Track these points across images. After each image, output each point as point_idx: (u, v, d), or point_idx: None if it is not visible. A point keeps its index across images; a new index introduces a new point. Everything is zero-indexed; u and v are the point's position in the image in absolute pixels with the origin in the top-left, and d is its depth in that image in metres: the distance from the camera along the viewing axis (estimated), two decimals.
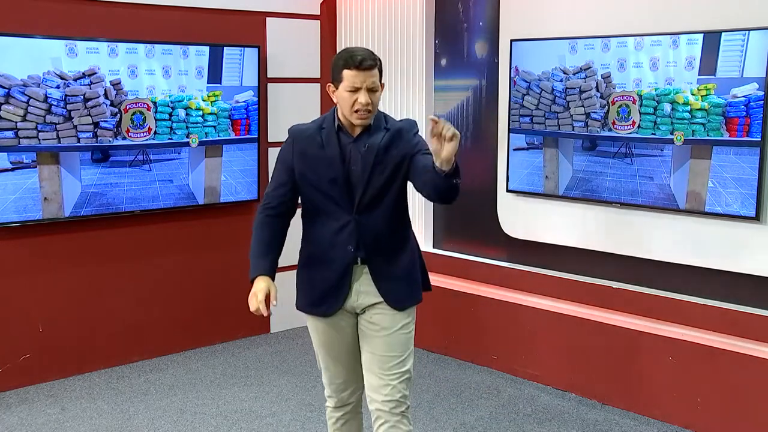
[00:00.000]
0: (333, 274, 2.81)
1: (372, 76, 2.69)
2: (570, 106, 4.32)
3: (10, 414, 4.11)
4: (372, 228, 2.79)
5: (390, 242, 2.84)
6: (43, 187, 4.32)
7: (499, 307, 4.66)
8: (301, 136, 2.84)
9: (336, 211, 2.79)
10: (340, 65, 2.71)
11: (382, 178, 2.76)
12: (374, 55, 2.73)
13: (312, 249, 2.87)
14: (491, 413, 4.16)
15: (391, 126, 2.82)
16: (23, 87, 4.19)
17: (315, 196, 2.81)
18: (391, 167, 2.76)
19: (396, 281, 2.84)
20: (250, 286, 2.76)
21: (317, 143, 2.79)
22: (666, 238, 4.03)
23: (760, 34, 3.59)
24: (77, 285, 4.59)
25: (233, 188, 5.05)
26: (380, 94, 2.77)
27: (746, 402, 3.73)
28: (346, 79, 2.69)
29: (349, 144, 2.78)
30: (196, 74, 4.78)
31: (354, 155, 2.77)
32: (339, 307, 2.83)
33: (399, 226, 2.87)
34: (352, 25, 5.35)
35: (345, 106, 2.73)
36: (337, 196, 2.77)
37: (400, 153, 2.76)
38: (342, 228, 2.79)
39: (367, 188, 2.76)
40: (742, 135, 3.69)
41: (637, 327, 4.10)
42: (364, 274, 2.81)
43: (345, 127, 2.79)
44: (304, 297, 2.91)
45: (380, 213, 2.79)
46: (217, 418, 4.08)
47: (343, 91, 2.71)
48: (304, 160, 2.81)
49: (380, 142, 2.77)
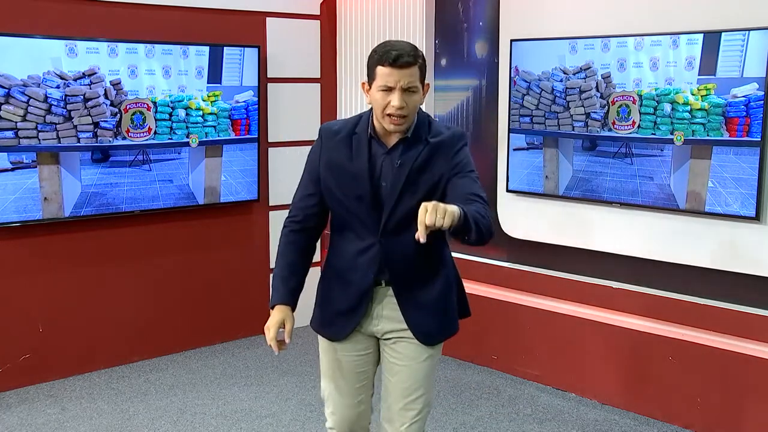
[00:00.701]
0: (348, 298, 2.55)
1: (410, 75, 2.35)
2: (570, 106, 4.32)
3: (10, 414, 4.11)
4: (399, 253, 2.48)
5: (420, 268, 2.53)
6: (43, 187, 4.32)
7: (499, 307, 4.66)
8: (331, 140, 2.52)
9: (361, 230, 2.50)
10: (375, 60, 2.38)
11: (413, 200, 2.40)
12: (416, 51, 2.37)
13: (334, 263, 2.60)
14: (491, 413, 4.16)
15: (434, 137, 2.47)
16: (23, 87, 4.19)
17: (340, 211, 2.53)
18: (425, 189, 2.43)
19: (426, 312, 2.53)
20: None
21: (346, 153, 2.48)
22: (666, 238, 4.03)
23: (760, 34, 3.59)
24: (77, 285, 4.59)
25: (233, 188, 5.05)
26: (422, 97, 2.42)
27: (746, 402, 3.73)
28: (379, 77, 2.36)
29: (381, 155, 2.46)
30: (196, 74, 4.78)
31: (386, 169, 2.45)
32: (349, 333, 2.56)
33: (432, 250, 2.52)
34: (352, 25, 5.35)
35: (377, 109, 2.40)
36: (363, 215, 2.48)
37: (437, 173, 2.44)
38: (365, 250, 2.50)
39: (395, 209, 2.45)
40: (742, 135, 3.69)
41: (637, 327, 4.10)
42: (388, 296, 2.53)
43: (379, 135, 2.47)
44: (318, 313, 2.67)
45: (409, 237, 2.35)
46: (217, 418, 4.08)
47: (375, 91, 2.39)
48: (329, 171, 2.51)
49: (416, 160, 2.43)
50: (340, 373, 2.62)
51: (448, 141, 2.48)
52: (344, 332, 2.58)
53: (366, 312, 2.55)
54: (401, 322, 2.53)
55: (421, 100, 2.43)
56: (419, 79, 2.39)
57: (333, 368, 2.63)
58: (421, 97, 2.42)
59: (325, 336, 2.63)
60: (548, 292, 4.51)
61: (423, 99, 2.44)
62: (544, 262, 4.62)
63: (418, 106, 2.45)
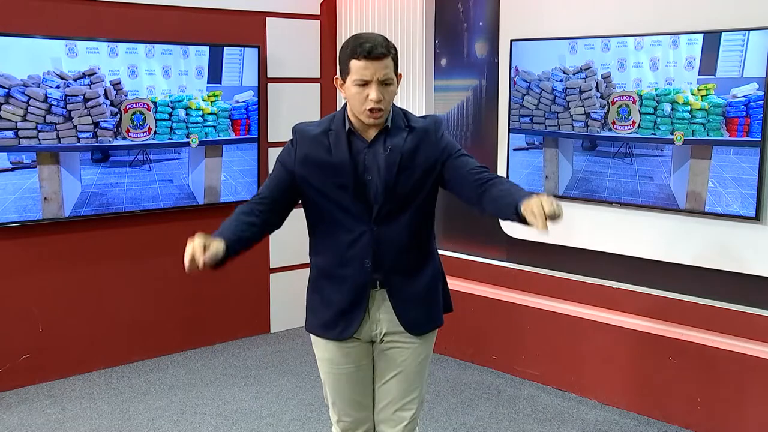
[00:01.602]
0: (345, 296, 2.49)
1: (384, 67, 2.31)
2: (570, 106, 4.32)
3: (10, 414, 4.11)
4: (392, 240, 2.44)
5: (412, 257, 2.50)
6: (43, 187, 4.32)
7: (499, 307, 4.66)
8: (305, 138, 2.47)
9: (347, 221, 2.44)
10: (347, 54, 2.34)
11: (409, 185, 2.41)
12: (387, 42, 2.35)
13: (322, 265, 2.54)
14: (491, 413, 4.16)
15: (415, 124, 2.46)
16: (23, 87, 4.19)
17: (320, 201, 2.46)
18: (420, 173, 2.42)
19: (415, 303, 2.52)
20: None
21: (324, 147, 2.43)
22: (666, 238, 4.03)
23: (760, 34, 3.59)
24: (77, 285, 4.59)
25: (233, 188, 5.05)
26: (396, 88, 2.38)
27: (746, 402, 3.73)
28: (353, 71, 2.32)
29: (363, 150, 2.42)
30: (196, 74, 4.78)
31: (369, 162, 2.41)
32: (353, 333, 2.51)
33: (423, 240, 2.53)
34: (352, 25, 5.34)
35: (354, 104, 2.36)
36: (349, 204, 2.42)
37: (431, 158, 2.43)
38: (355, 241, 2.44)
39: (391, 196, 2.41)
40: (742, 135, 3.69)
41: (636, 327, 4.10)
42: (383, 300, 2.50)
43: (357, 130, 2.43)
44: (315, 318, 2.58)
45: (403, 223, 2.43)
46: (217, 418, 4.08)
47: (351, 85, 2.34)
48: (306, 166, 2.45)
49: (404, 144, 2.41)
50: (342, 384, 2.59)
51: (432, 126, 2.47)
52: (348, 332, 2.51)
53: (365, 313, 2.51)
54: (395, 323, 2.52)
55: (395, 91, 2.40)
56: (393, 70, 2.36)
57: (334, 380, 2.60)
58: (396, 88, 2.40)
59: (329, 338, 2.55)
60: (548, 292, 4.51)
61: (397, 90, 2.42)
62: (544, 262, 4.62)
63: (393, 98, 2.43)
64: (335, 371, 2.58)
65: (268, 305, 5.37)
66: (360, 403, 2.62)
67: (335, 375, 2.59)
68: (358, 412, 2.62)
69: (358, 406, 2.62)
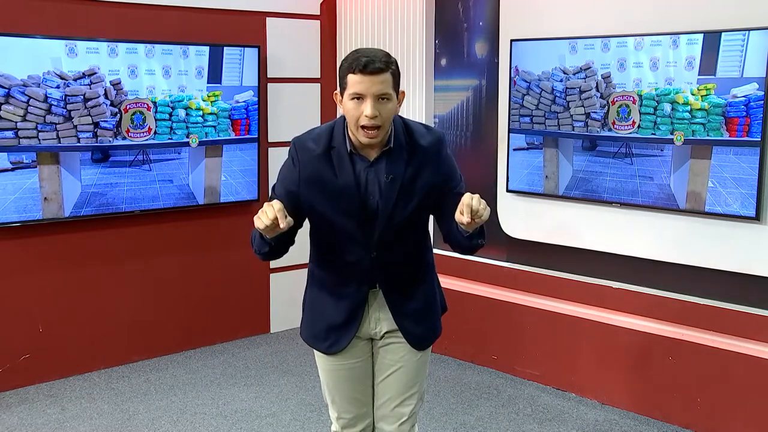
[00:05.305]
0: (341, 313, 2.50)
1: (381, 83, 2.24)
2: (570, 106, 4.32)
3: (10, 414, 4.11)
4: (391, 263, 2.46)
5: (410, 275, 2.53)
6: (43, 187, 4.32)
7: (499, 307, 4.66)
8: (309, 157, 2.39)
9: (350, 246, 2.43)
10: (345, 68, 2.29)
11: (407, 211, 2.40)
12: (388, 57, 2.29)
13: (321, 277, 2.55)
14: (491, 413, 4.16)
15: (417, 140, 2.40)
16: (23, 87, 4.19)
17: (325, 228, 2.43)
18: (418, 199, 2.40)
19: (415, 318, 2.53)
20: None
21: (328, 170, 2.36)
22: (666, 238, 4.03)
23: (760, 34, 3.59)
24: (77, 285, 4.59)
25: (233, 188, 5.05)
26: (396, 106, 2.31)
27: (746, 402, 3.73)
28: (350, 85, 2.27)
29: (365, 170, 2.37)
30: (196, 74, 4.78)
31: (371, 183, 2.37)
32: (345, 345, 2.51)
33: (421, 256, 2.55)
34: (352, 25, 5.35)
35: (350, 120, 2.30)
36: (352, 230, 2.40)
37: (430, 182, 2.40)
38: (355, 264, 2.44)
39: (390, 222, 2.39)
40: (742, 135, 3.69)
41: (636, 327, 4.10)
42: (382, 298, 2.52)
43: (358, 149, 2.37)
44: (308, 328, 2.60)
45: (401, 246, 2.44)
46: (217, 418, 4.08)
47: (347, 100, 2.29)
48: (312, 188, 2.39)
49: (405, 172, 2.36)
50: (341, 382, 2.60)
51: (433, 149, 2.42)
52: (339, 346, 2.52)
53: (363, 318, 2.52)
54: (394, 323, 2.54)
55: (395, 110, 2.32)
56: (392, 87, 2.28)
57: (332, 378, 2.61)
58: (396, 107, 2.32)
59: (319, 350, 2.58)
60: (548, 292, 4.51)
61: (398, 108, 2.34)
62: (544, 262, 4.62)
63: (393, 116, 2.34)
64: (334, 369, 2.59)
65: (268, 305, 5.37)
66: (359, 400, 2.63)
67: (334, 372, 2.60)
68: (357, 408, 2.63)
69: (357, 402, 2.62)
